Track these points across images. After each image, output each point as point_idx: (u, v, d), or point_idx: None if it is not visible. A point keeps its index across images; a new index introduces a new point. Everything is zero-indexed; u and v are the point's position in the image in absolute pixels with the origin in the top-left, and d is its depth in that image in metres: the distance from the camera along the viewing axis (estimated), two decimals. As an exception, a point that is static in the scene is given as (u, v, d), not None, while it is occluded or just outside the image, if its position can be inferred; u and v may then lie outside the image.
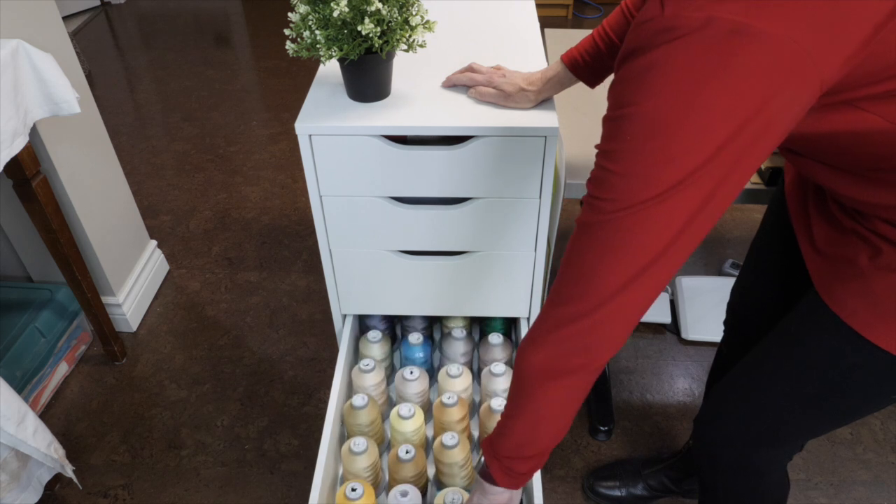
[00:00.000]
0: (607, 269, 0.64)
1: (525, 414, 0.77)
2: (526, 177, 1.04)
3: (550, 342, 0.71)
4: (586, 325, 0.68)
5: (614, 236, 0.62)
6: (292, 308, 1.93)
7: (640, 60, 0.57)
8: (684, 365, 1.74)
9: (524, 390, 0.76)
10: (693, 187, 0.58)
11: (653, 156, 0.58)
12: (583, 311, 0.67)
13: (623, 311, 0.67)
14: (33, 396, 1.60)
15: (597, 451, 1.54)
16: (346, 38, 0.92)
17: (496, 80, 1.03)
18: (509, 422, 0.80)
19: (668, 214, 0.60)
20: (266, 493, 1.47)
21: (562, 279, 0.69)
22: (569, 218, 2.22)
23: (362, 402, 1.16)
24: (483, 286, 1.20)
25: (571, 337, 0.69)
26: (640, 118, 0.57)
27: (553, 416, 0.77)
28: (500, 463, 0.82)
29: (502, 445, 0.81)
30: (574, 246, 0.67)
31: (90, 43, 3.59)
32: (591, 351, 0.70)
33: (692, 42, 0.54)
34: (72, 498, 1.47)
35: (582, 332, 0.68)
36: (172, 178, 2.49)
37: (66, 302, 1.70)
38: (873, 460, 1.52)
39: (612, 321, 0.67)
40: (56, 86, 1.29)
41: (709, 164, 0.57)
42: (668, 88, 0.55)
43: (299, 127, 1.00)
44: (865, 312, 0.74)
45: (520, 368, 0.76)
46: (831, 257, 0.80)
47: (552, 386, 0.74)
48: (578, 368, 0.72)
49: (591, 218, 0.64)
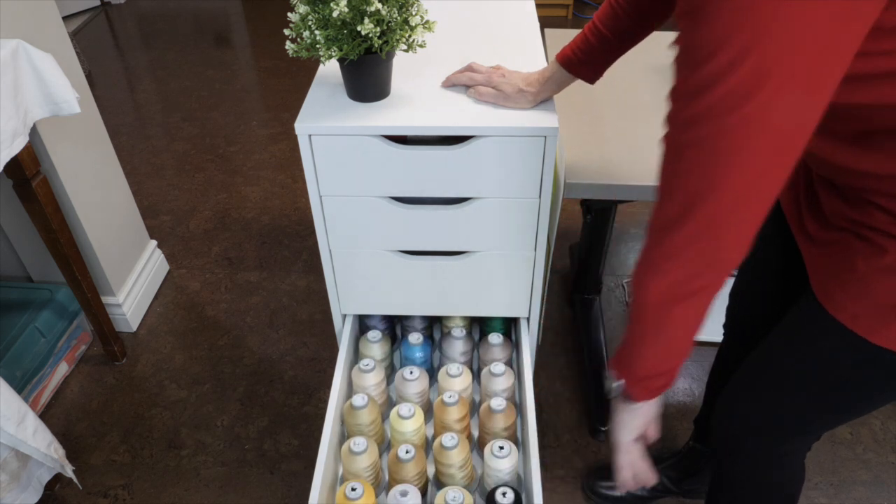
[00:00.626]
0: (722, 168, 0.59)
1: (655, 340, 0.76)
2: (526, 177, 1.04)
3: (670, 269, 0.67)
4: (706, 243, 0.64)
5: (724, 127, 0.56)
6: (292, 308, 1.93)
7: None
8: (684, 365, 1.74)
9: (649, 319, 0.74)
10: (785, 65, 0.52)
11: (734, 23, 0.51)
12: (700, 226, 0.63)
13: (748, 207, 0.62)
14: (33, 396, 1.60)
15: (597, 451, 1.54)
16: (345, 39, 0.92)
17: (495, 79, 1.03)
18: (640, 349, 0.78)
19: (781, 82, 0.52)
20: (266, 493, 1.47)
21: (666, 196, 0.65)
22: (569, 218, 2.22)
23: (362, 402, 1.16)
24: (483, 286, 1.20)
25: (693, 259, 0.66)
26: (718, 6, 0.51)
27: (684, 337, 0.75)
28: (640, 384, 0.82)
29: (639, 368, 0.80)
30: (674, 156, 0.64)
31: (90, 43, 3.59)
32: (715, 266, 0.66)
33: None
34: (72, 498, 1.47)
35: (703, 250, 0.64)
36: (172, 178, 2.49)
37: (66, 302, 1.70)
38: (873, 460, 1.52)
39: (738, 222, 0.63)
40: (56, 86, 1.29)
41: (799, 41, 0.51)
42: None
43: (299, 127, 1.00)
44: (866, 316, 0.74)
45: (642, 298, 0.73)
46: (828, 256, 0.80)
47: (678, 310, 0.71)
48: (703, 288, 0.69)
49: (688, 115, 0.59)
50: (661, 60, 1.58)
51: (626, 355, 0.81)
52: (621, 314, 1.91)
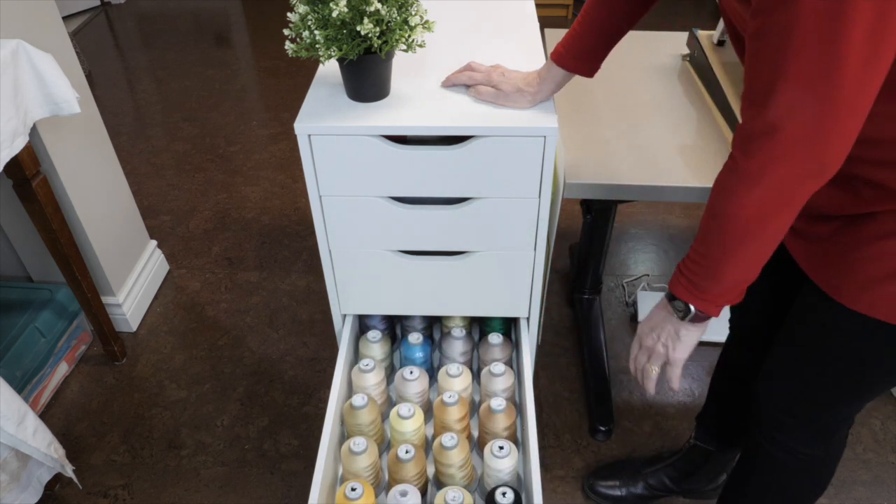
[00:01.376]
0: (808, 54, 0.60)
1: (744, 253, 0.74)
2: (525, 177, 1.04)
3: (769, 178, 0.67)
4: (811, 144, 0.63)
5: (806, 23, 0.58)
6: (292, 308, 1.93)
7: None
8: (684, 365, 1.74)
9: (738, 232, 0.72)
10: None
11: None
12: (807, 124, 0.62)
13: (858, 97, 0.62)
14: (33, 396, 1.60)
15: (597, 450, 1.54)
16: (345, 38, 0.92)
17: (494, 78, 1.04)
18: (722, 266, 0.76)
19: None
20: (266, 493, 1.47)
21: (762, 96, 0.64)
22: (569, 218, 2.22)
23: (362, 402, 1.16)
24: (482, 286, 1.20)
25: (798, 163, 0.65)
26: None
27: (774, 245, 0.74)
28: (720, 299, 0.80)
29: (720, 284, 0.78)
30: (760, 51, 0.63)
31: (90, 43, 3.59)
32: (819, 171, 0.66)
33: None
34: (72, 498, 1.47)
35: (807, 141, 0.63)
36: (172, 178, 2.49)
37: (66, 302, 1.70)
38: (873, 460, 1.52)
39: (847, 113, 0.62)
40: (56, 86, 1.29)
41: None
42: None
43: (299, 127, 1.00)
44: (848, 287, 0.80)
45: (733, 211, 0.71)
46: (816, 240, 0.83)
47: (774, 222, 0.70)
48: (802, 195, 0.68)
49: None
50: (661, 60, 1.58)
51: (705, 275, 0.78)
52: (621, 314, 1.91)
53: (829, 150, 0.64)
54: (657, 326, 0.89)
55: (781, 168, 0.66)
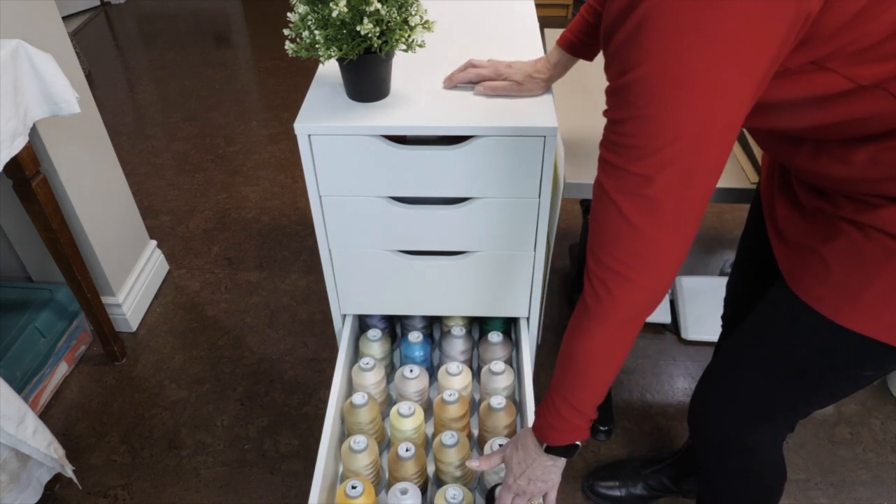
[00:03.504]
0: (650, 223, 0.66)
1: (596, 379, 0.81)
2: (525, 177, 1.04)
3: (622, 330, 0.75)
4: (645, 296, 0.72)
5: (641, 194, 0.64)
6: (292, 308, 1.93)
7: (628, 21, 0.58)
8: (684, 365, 1.74)
9: (587, 370, 0.79)
10: (710, 125, 0.60)
11: (664, 115, 0.59)
12: (643, 300, 0.72)
13: (672, 258, 0.70)
14: (33, 396, 1.60)
15: (596, 451, 1.54)
16: (345, 38, 0.92)
17: (504, 70, 1.04)
18: (584, 393, 0.82)
19: (690, 154, 0.62)
20: (266, 493, 1.47)
21: (603, 246, 0.70)
22: (568, 218, 2.22)
23: (362, 401, 1.16)
24: (483, 286, 1.20)
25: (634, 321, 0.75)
26: (644, 82, 0.59)
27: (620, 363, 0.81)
28: (589, 424, 0.86)
29: (590, 411, 0.84)
30: (605, 217, 0.69)
31: (90, 43, 3.59)
32: (649, 309, 0.74)
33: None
34: (71, 498, 1.47)
35: (642, 303, 0.72)
36: (172, 178, 2.49)
37: (65, 302, 1.70)
38: (873, 460, 1.52)
39: (664, 275, 0.71)
40: (56, 86, 1.29)
41: (714, 107, 0.59)
42: (662, 45, 0.56)
43: (298, 127, 1.00)
44: (831, 297, 0.76)
45: (578, 352, 0.78)
46: (796, 245, 0.82)
47: (615, 357, 0.79)
48: (637, 327, 0.76)
49: (611, 186, 0.66)
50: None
51: (571, 403, 0.83)
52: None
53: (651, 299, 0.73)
54: (527, 470, 0.90)
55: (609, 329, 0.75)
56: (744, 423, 0.97)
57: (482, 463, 0.97)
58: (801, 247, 0.80)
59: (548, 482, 0.91)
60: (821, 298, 0.77)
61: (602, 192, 0.67)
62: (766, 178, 0.93)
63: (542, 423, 0.86)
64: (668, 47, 0.56)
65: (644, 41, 0.57)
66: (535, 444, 0.88)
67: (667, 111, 0.59)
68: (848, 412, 1.62)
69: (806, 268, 0.79)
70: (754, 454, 1.01)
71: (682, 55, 0.56)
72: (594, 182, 0.69)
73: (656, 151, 0.61)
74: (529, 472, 0.90)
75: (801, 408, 0.94)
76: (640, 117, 0.61)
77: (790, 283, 0.81)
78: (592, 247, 0.71)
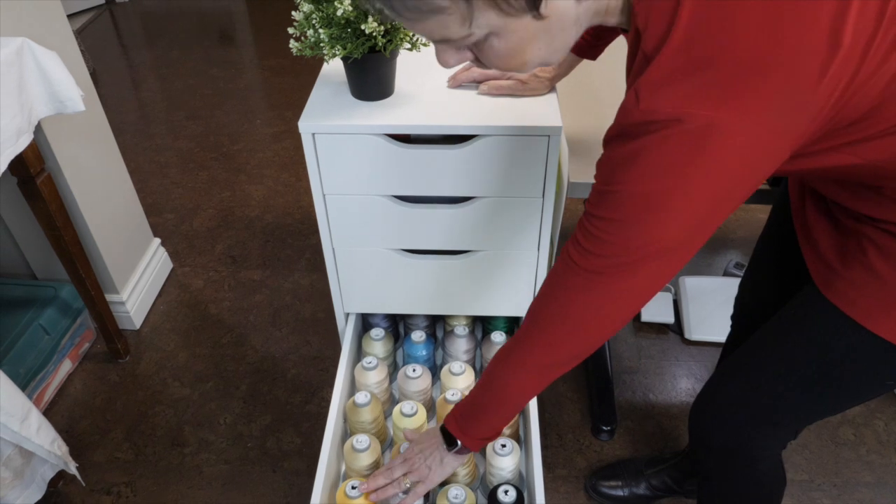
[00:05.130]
0: (597, 317, 0.75)
1: (507, 412, 0.90)
2: (529, 176, 1.04)
3: (541, 375, 0.84)
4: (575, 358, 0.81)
5: (610, 288, 0.72)
6: (295, 306, 1.93)
7: (624, 147, 0.63)
8: (687, 365, 1.74)
9: (504, 400, 0.88)
10: (679, 244, 0.67)
11: (640, 230, 0.66)
12: (574, 355, 0.81)
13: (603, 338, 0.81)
14: (37, 394, 1.60)
15: (599, 450, 1.54)
16: (349, 37, 0.92)
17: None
18: (491, 418, 0.91)
19: (658, 264, 0.69)
20: (269, 492, 1.47)
21: (546, 328, 0.79)
22: (572, 217, 2.22)
23: (365, 400, 1.16)
24: (486, 285, 1.20)
25: (561, 369, 0.83)
26: (628, 197, 0.65)
27: (526, 401, 0.90)
28: (485, 441, 0.96)
29: (489, 431, 0.93)
30: (563, 296, 0.76)
31: (95, 41, 3.60)
32: (574, 363, 0.82)
33: (669, 136, 0.59)
34: (75, 495, 1.47)
35: (568, 363, 0.82)
36: (176, 177, 2.50)
37: (69, 299, 1.70)
38: (877, 462, 1.51)
39: (594, 345, 0.81)
40: (61, 84, 1.29)
41: (693, 226, 0.66)
42: (650, 176, 0.62)
43: (303, 125, 1.00)
44: (866, 302, 0.75)
45: (501, 382, 0.87)
46: (830, 251, 0.81)
47: (534, 392, 0.88)
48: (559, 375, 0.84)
49: (584, 265, 0.72)
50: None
51: (474, 419, 0.93)
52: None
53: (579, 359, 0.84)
54: (426, 450, 0.99)
55: (541, 376, 0.85)
56: (750, 427, 0.95)
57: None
58: (837, 255, 0.80)
59: (436, 473, 0.98)
60: (853, 303, 0.76)
61: (570, 261, 0.74)
62: (795, 190, 0.92)
63: (455, 431, 0.95)
64: (657, 178, 0.62)
65: (639, 167, 0.62)
66: (442, 439, 0.97)
67: (645, 226, 0.65)
68: (851, 413, 1.61)
69: (840, 274, 0.78)
70: (755, 460, 1.00)
71: (668, 187, 0.63)
72: (563, 247, 0.76)
73: (628, 251, 0.68)
74: (427, 454, 0.98)
75: (813, 415, 0.93)
76: (619, 221, 0.66)
77: (821, 288, 0.80)
78: (545, 300, 0.79)
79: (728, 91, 0.56)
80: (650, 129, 0.60)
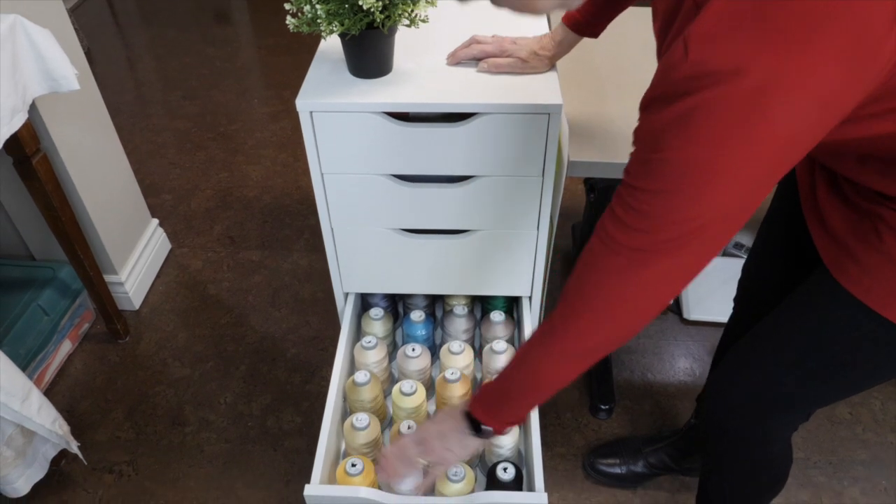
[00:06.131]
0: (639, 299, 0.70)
1: (537, 397, 0.85)
2: (529, 154, 1.03)
3: (576, 362, 0.78)
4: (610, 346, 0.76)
5: (655, 266, 0.66)
6: (294, 287, 1.93)
7: (671, 108, 0.58)
8: (685, 345, 1.75)
9: (536, 387, 0.83)
10: (732, 214, 0.62)
11: (693, 201, 0.61)
12: (612, 340, 0.75)
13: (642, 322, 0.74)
14: (37, 374, 1.61)
15: (597, 429, 1.55)
16: (346, 13, 0.91)
17: (508, 47, 1.03)
18: (519, 401, 0.86)
19: (707, 239, 0.64)
20: (269, 470, 1.48)
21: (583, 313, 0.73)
22: (572, 197, 2.21)
23: (364, 379, 1.16)
24: (485, 265, 1.20)
25: (597, 355, 0.77)
26: (678, 165, 0.60)
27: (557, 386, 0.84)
28: (513, 424, 0.92)
29: (518, 415, 0.89)
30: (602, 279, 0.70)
31: (89, 20, 3.55)
32: (612, 347, 0.78)
33: (727, 92, 0.54)
34: (77, 474, 1.48)
35: (605, 349, 0.77)
36: (173, 157, 2.48)
37: (68, 280, 1.70)
38: (872, 440, 1.53)
39: (633, 330, 0.75)
40: (55, 62, 1.28)
41: (749, 192, 0.61)
42: (706, 139, 0.57)
43: (300, 103, 0.99)
44: (881, 289, 0.74)
45: (533, 368, 0.81)
46: (842, 234, 0.79)
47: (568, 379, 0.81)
48: (593, 360, 0.79)
49: (626, 242, 0.66)
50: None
51: (508, 410, 0.87)
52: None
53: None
54: (445, 432, 0.92)
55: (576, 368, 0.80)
56: (767, 413, 0.95)
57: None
58: (849, 236, 0.78)
59: (456, 455, 0.93)
60: (869, 290, 0.75)
61: (607, 238, 0.68)
62: (804, 170, 0.90)
63: (481, 415, 0.89)
64: (713, 143, 0.57)
65: (690, 130, 0.57)
66: (466, 423, 0.90)
67: (697, 196, 0.60)
68: (848, 392, 1.62)
69: (853, 258, 0.77)
70: (769, 443, 1.01)
71: (725, 153, 0.57)
72: (598, 223, 0.70)
73: (672, 225, 0.63)
74: (446, 438, 0.93)
75: (829, 399, 0.93)
76: (668, 192, 0.61)
77: (834, 273, 0.79)
78: (580, 282, 0.73)
79: (794, 38, 0.51)
80: (703, 85, 0.55)
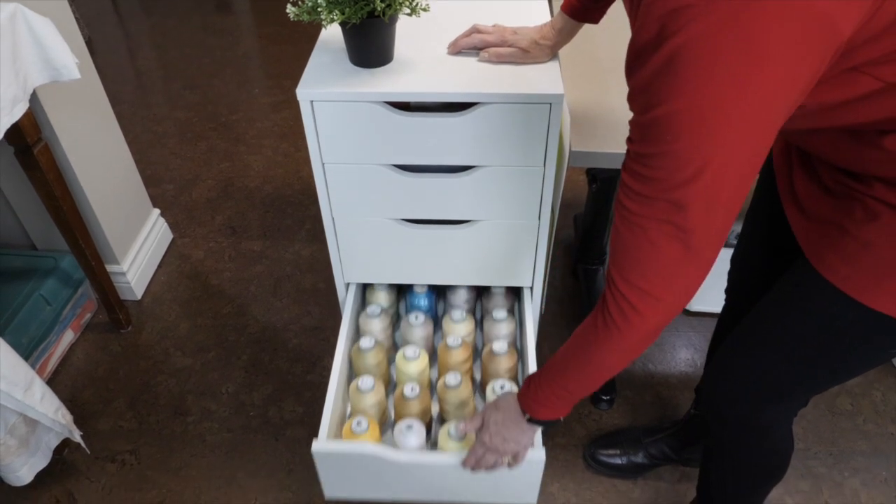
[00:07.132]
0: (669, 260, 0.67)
1: (596, 381, 0.84)
2: (530, 144, 1.03)
3: (629, 343, 0.76)
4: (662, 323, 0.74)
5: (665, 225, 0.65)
6: (296, 277, 1.93)
7: (657, 56, 0.56)
8: (686, 335, 1.75)
9: (596, 375, 0.82)
10: (739, 155, 0.60)
11: (693, 150, 0.59)
12: (662, 317, 0.73)
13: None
14: (40, 363, 1.61)
15: (598, 419, 1.56)
16: (347, 2, 0.90)
17: (509, 37, 1.02)
18: (584, 391, 0.86)
19: (719, 182, 0.61)
20: (270, 460, 1.49)
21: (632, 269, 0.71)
22: (573, 188, 2.21)
23: (369, 344, 1.18)
24: (487, 255, 1.20)
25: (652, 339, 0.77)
26: (674, 118, 0.58)
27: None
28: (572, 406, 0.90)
29: (575, 398, 0.88)
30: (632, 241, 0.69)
31: (89, 9, 3.53)
32: (667, 322, 0.75)
33: (708, 25, 0.52)
34: (80, 463, 1.49)
35: (658, 332, 0.76)
36: (175, 147, 2.48)
37: (70, 270, 1.70)
38: (873, 431, 1.53)
39: (689, 293, 0.72)
40: (55, 51, 1.27)
41: (745, 140, 0.59)
42: (693, 83, 0.55)
43: (301, 93, 0.99)
44: (859, 277, 0.75)
45: (592, 361, 0.81)
46: (819, 221, 0.80)
47: (625, 364, 0.82)
48: (654, 338, 0.78)
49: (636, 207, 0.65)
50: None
51: (570, 392, 0.86)
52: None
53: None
54: (504, 431, 0.94)
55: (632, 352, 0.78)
56: (765, 402, 0.96)
57: (468, 425, 1.00)
58: (826, 223, 0.78)
59: (521, 443, 0.95)
60: (847, 278, 0.75)
61: (628, 214, 0.67)
62: (781, 150, 0.91)
63: (532, 398, 0.89)
64: (699, 85, 0.55)
65: (674, 77, 0.55)
66: (519, 411, 0.91)
67: (696, 146, 0.59)
68: (849, 383, 1.62)
69: (831, 246, 0.77)
70: (770, 431, 1.02)
71: (714, 94, 0.55)
72: (615, 201, 0.69)
73: (684, 184, 0.61)
74: (506, 433, 0.93)
75: (823, 385, 0.94)
76: (669, 152, 0.60)
77: (813, 262, 0.79)
78: (620, 267, 0.71)
79: None
80: (681, 21, 0.52)
